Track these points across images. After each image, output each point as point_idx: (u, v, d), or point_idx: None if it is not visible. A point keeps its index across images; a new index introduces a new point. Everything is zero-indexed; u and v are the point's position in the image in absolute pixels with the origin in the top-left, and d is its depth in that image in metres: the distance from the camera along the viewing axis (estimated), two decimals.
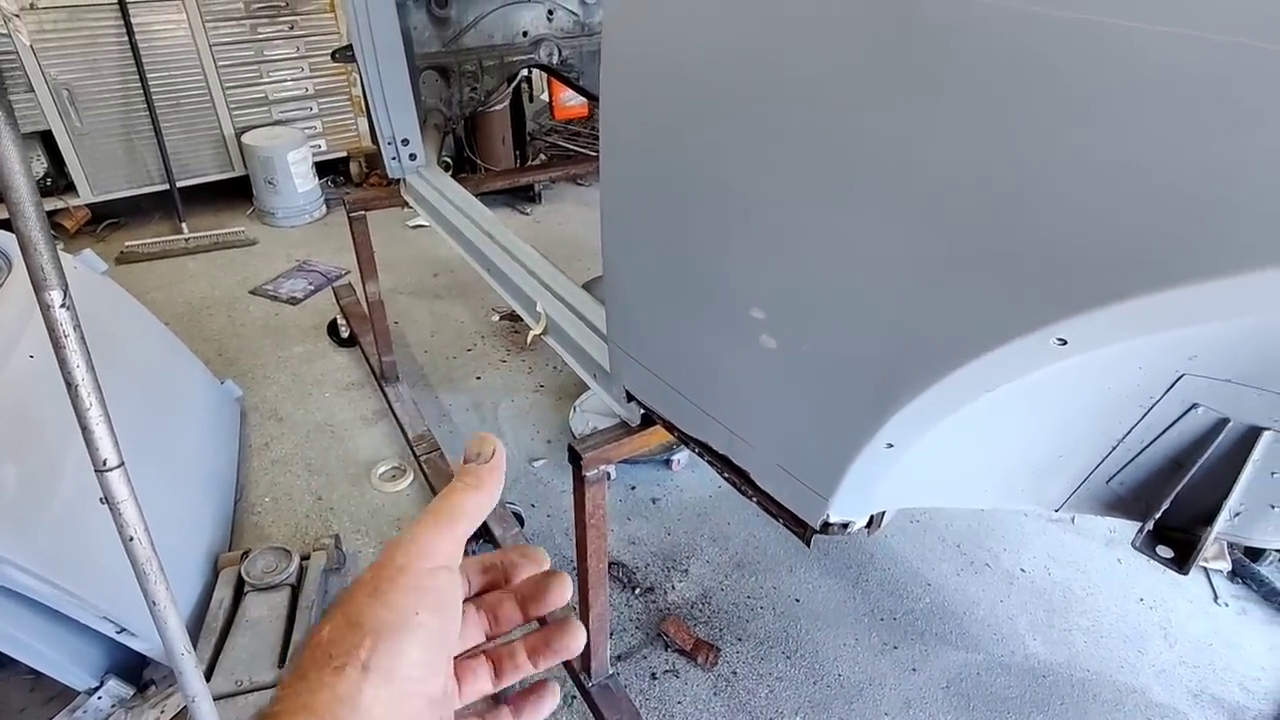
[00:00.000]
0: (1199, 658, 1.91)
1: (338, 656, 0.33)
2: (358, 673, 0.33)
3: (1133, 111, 0.48)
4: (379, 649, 0.33)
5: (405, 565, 0.37)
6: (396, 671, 0.34)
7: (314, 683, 0.32)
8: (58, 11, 3.45)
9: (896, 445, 0.77)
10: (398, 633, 0.34)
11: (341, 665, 0.33)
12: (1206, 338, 0.60)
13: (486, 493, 0.41)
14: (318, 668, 0.33)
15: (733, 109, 0.77)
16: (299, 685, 0.33)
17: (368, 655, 0.33)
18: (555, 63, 2.63)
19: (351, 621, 0.34)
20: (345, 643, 0.33)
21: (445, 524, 0.39)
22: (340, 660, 0.33)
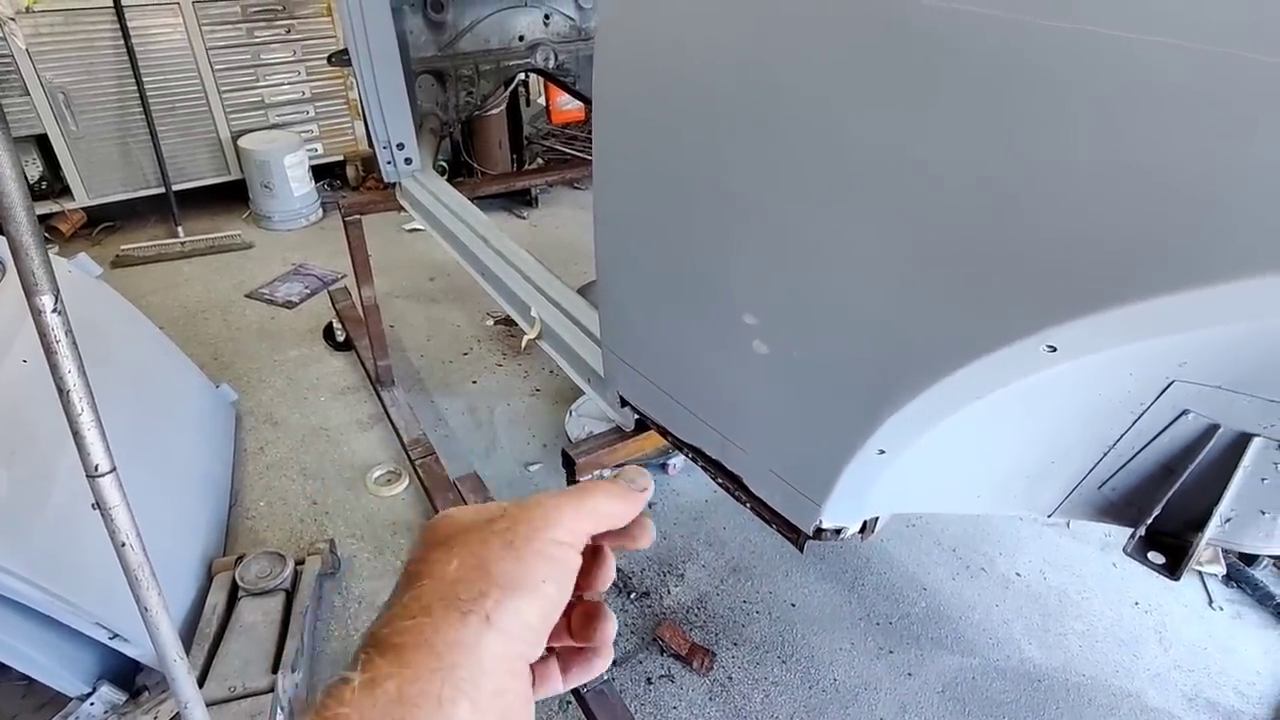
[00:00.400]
0: (1194, 662, 1.91)
1: (466, 601, 0.33)
2: (481, 622, 0.33)
3: (1124, 120, 0.49)
4: (505, 604, 0.34)
5: (542, 531, 0.37)
6: (514, 631, 0.34)
7: (439, 621, 0.32)
8: (54, 15, 3.44)
9: (888, 451, 0.77)
10: (525, 593, 0.34)
11: (468, 611, 0.33)
12: (1196, 344, 0.60)
13: (625, 507, 0.41)
14: (444, 607, 0.33)
15: (725, 115, 0.78)
16: (423, 620, 0.32)
17: (494, 608, 0.33)
18: (552, 67, 2.64)
19: (483, 568, 0.34)
20: (474, 588, 0.34)
21: (585, 510, 0.39)
22: (468, 606, 0.33)
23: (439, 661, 0.31)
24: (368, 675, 0.31)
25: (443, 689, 0.31)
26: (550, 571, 0.36)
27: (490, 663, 0.32)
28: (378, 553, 2.20)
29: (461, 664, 0.32)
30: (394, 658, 0.31)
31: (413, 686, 0.30)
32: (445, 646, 0.32)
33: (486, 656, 0.32)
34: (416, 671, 0.31)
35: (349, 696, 0.30)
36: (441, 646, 0.32)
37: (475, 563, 0.35)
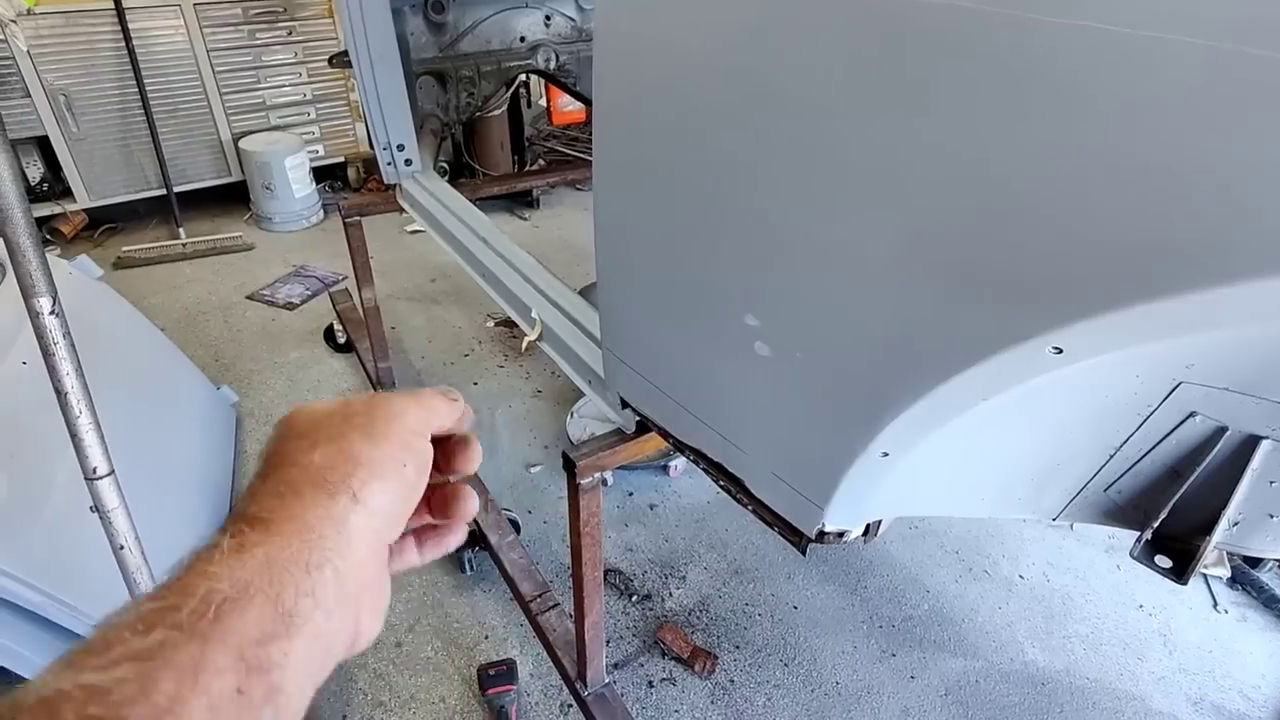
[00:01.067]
0: (1199, 665, 1.90)
1: (333, 481, 0.35)
2: (349, 499, 0.35)
3: (1130, 118, 0.48)
4: (370, 485, 0.36)
5: (395, 422, 0.39)
6: (378, 509, 0.36)
7: (309, 500, 0.34)
8: (55, 17, 3.44)
9: (891, 454, 0.76)
10: (387, 476, 0.37)
11: (335, 491, 0.35)
12: (1204, 346, 0.60)
13: (450, 409, 0.44)
14: (313, 488, 0.35)
15: (725, 114, 0.77)
16: (292, 502, 0.34)
17: (360, 487, 0.36)
18: (553, 68, 2.63)
19: (347, 454, 0.37)
20: (340, 471, 0.36)
21: (424, 406, 0.42)
22: (335, 486, 0.35)
23: (309, 533, 0.33)
24: (236, 541, 0.32)
25: (310, 556, 0.32)
26: (408, 457, 0.39)
27: (356, 537, 0.35)
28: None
29: (330, 536, 0.34)
30: (263, 530, 0.33)
31: (282, 553, 0.32)
32: (315, 520, 0.34)
33: (353, 531, 0.35)
34: (286, 540, 0.32)
35: (218, 558, 0.31)
36: (312, 520, 0.34)
37: (338, 449, 0.37)
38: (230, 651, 0.28)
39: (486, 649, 1.92)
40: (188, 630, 0.28)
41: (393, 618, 2.00)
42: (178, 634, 0.27)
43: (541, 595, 1.80)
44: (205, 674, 0.27)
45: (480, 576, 2.10)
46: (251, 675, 0.28)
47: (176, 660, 0.27)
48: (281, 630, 0.30)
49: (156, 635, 0.27)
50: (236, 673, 0.28)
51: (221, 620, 0.29)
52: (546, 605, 1.78)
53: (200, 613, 0.28)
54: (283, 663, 0.30)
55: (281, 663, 0.30)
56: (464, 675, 1.85)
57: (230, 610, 0.29)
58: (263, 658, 0.29)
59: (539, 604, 1.78)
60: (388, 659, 1.90)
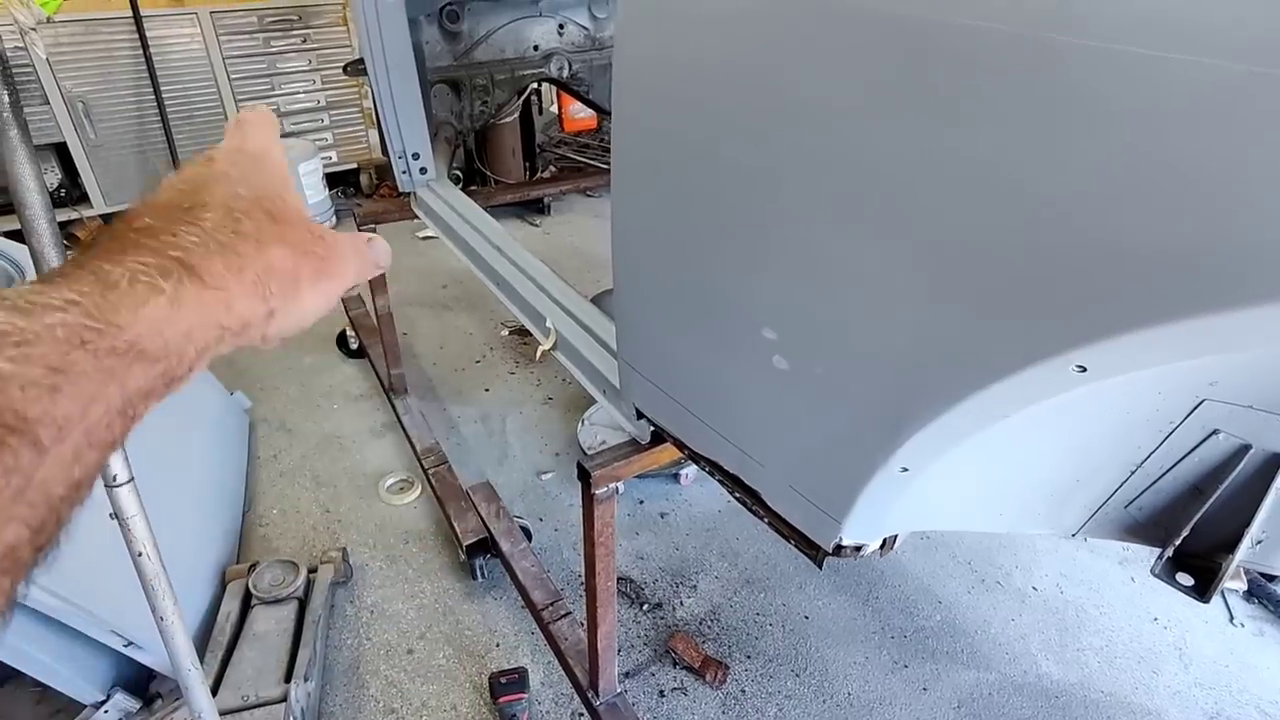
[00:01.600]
0: (1215, 679, 1.88)
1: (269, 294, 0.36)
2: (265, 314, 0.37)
3: (1159, 137, 0.48)
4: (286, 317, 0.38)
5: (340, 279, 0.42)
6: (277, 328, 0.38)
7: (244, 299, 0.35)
8: (74, 25, 3.49)
9: (911, 469, 0.76)
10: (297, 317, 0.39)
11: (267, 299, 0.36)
12: (1228, 363, 0.59)
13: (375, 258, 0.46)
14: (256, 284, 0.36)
15: (747, 127, 0.77)
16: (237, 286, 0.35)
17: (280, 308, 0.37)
18: (566, 76, 2.65)
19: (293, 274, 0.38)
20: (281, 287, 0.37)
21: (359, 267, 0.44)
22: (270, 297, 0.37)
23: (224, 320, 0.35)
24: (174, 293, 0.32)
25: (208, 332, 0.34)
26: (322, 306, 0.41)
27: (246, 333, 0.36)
28: (390, 561, 2.20)
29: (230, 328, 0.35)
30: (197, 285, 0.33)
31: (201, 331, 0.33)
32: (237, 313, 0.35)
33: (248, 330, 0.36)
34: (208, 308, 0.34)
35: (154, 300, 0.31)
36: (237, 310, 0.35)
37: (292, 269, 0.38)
38: (122, 395, 0.29)
39: (498, 657, 1.92)
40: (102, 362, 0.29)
41: (404, 624, 2.01)
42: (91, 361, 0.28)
43: (553, 604, 1.80)
44: (97, 407, 0.28)
45: (492, 584, 2.10)
46: (123, 417, 0.30)
47: (82, 385, 0.28)
48: (161, 390, 0.32)
49: (76, 354, 0.28)
50: (115, 412, 0.29)
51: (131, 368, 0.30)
52: (558, 614, 1.78)
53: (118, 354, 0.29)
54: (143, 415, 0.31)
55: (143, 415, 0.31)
56: (475, 683, 1.85)
57: (140, 362, 0.30)
58: (139, 409, 0.31)
59: (551, 612, 1.78)
60: (399, 666, 1.90)
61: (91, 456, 0.29)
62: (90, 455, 0.29)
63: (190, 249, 0.34)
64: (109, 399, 0.29)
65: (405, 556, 2.22)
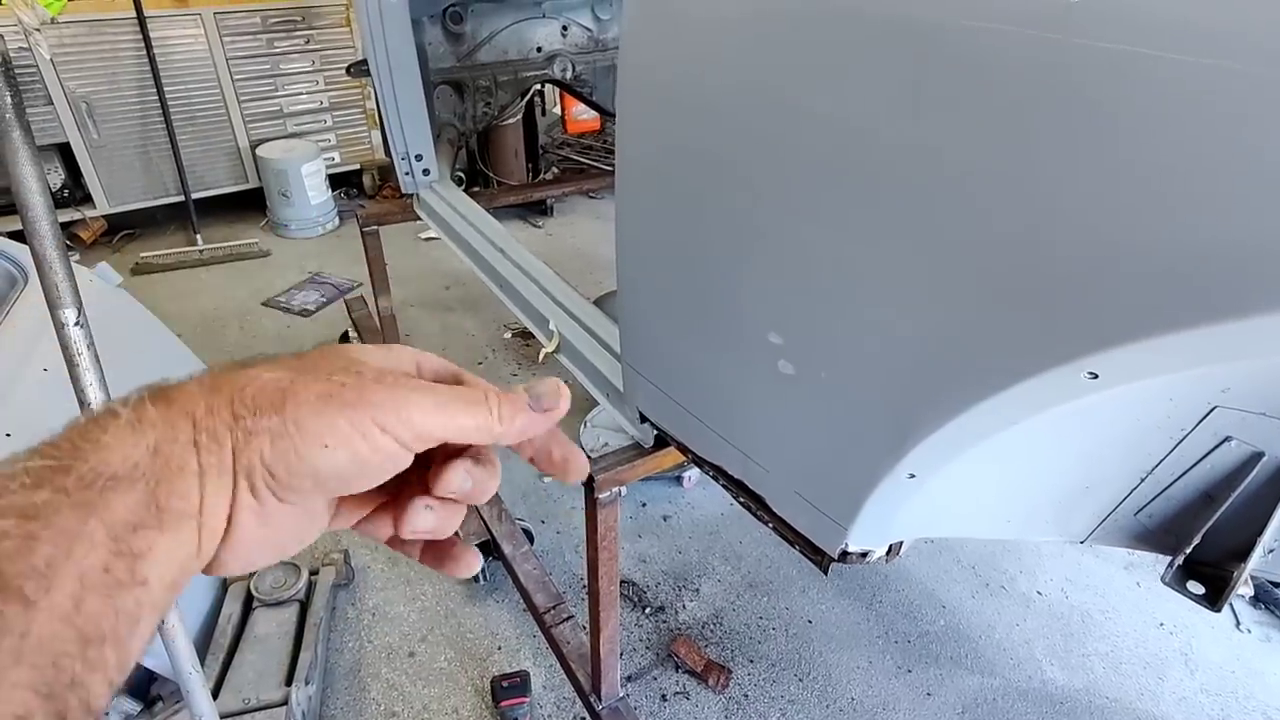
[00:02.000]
0: (1221, 685, 1.87)
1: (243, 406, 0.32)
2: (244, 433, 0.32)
3: (1176, 140, 0.47)
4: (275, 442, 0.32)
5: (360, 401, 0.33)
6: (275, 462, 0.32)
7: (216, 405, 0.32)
8: (78, 26, 3.49)
9: (918, 475, 0.75)
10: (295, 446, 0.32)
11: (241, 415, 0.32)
12: (1241, 370, 0.59)
13: (500, 428, 0.36)
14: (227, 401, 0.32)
15: (754, 129, 0.76)
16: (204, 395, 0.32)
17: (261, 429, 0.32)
18: (569, 78, 2.64)
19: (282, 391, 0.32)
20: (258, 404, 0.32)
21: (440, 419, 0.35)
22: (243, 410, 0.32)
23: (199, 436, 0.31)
24: (135, 415, 0.30)
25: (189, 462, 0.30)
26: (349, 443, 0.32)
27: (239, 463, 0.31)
28: (391, 564, 2.20)
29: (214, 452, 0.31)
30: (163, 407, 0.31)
31: (169, 447, 0.30)
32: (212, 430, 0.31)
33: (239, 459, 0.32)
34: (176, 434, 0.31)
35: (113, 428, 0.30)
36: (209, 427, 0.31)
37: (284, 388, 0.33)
38: (104, 528, 0.28)
39: (500, 660, 1.91)
40: (73, 497, 0.27)
41: (406, 627, 2.00)
42: (63, 498, 0.27)
43: (555, 607, 1.79)
44: (81, 544, 0.27)
45: (494, 587, 2.09)
46: (120, 558, 0.28)
47: (57, 524, 0.27)
48: (153, 522, 0.29)
49: (43, 494, 0.27)
50: (107, 550, 0.28)
51: (104, 495, 0.28)
52: (560, 617, 1.77)
53: (87, 482, 0.28)
54: (148, 554, 0.29)
55: (147, 554, 0.29)
56: (477, 686, 1.85)
57: (113, 488, 0.28)
58: (133, 543, 0.29)
59: (553, 616, 1.78)
60: (401, 669, 1.89)
61: (95, 605, 0.27)
62: (94, 603, 0.27)
63: (169, 382, 0.32)
64: (93, 536, 0.27)
65: (406, 560, 2.21)
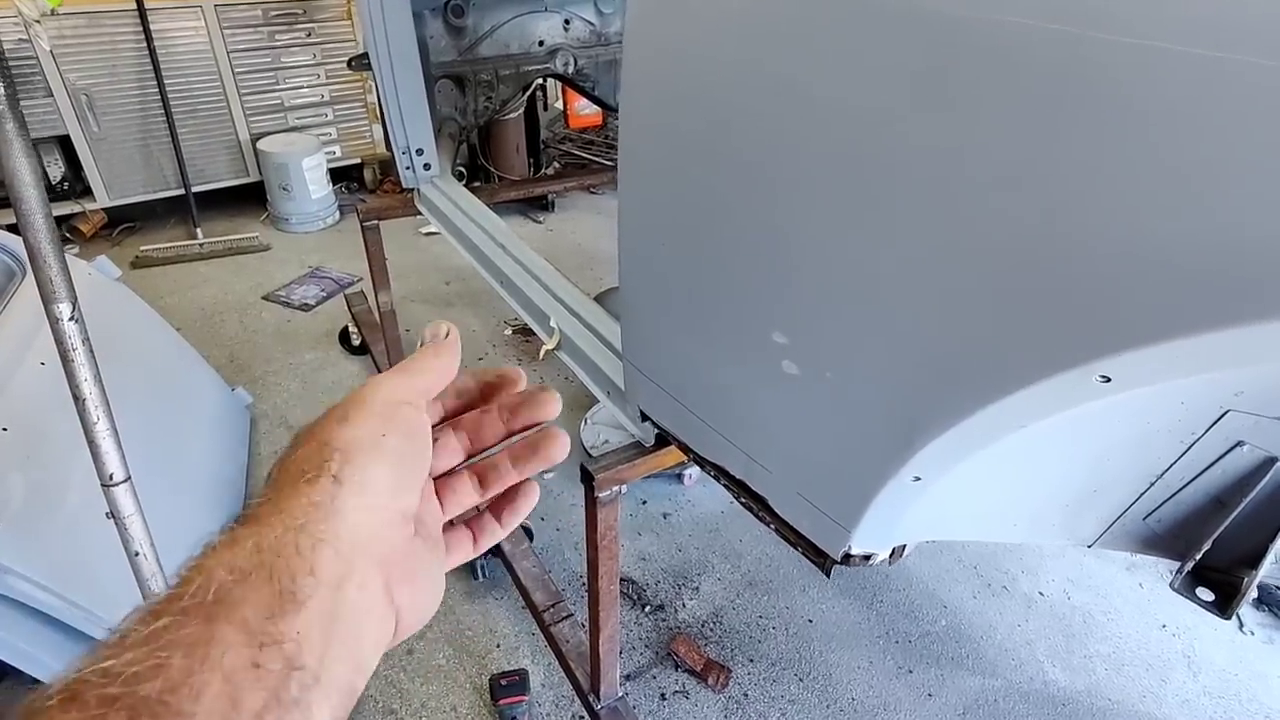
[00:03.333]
0: (1224, 688, 1.86)
1: (310, 470, 0.35)
2: (329, 482, 0.34)
3: (1192, 140, 0.46)
4: (349, 464, 0.35)
5: (370, 398, 0.39)
6: (367, 485, 0.35)
7: (287, 492, 0.34)
8: (78, 18, 3.47)
9: (924, 478, 0.74)
10: (365, 451, 0.36)
11: (314, 477, 0.34)
12: (1254, 374, 0.57)
13: (445, 359, 0.44)
14: (291, 481, 0.35)
15: (760, 126, 0.75)
16: (273, 495, 0.34)
17: (338, 468, 0.35)
18: (571, 72, 2.62)
19: (321, 442, 0.36)
20: (316, 459, 0.35)
21: (411, 370, 0.42)
22: (312, 473, 0.35)
23: (293, 519, 0.33)
24: (227, 536, 0.32)
25: (298, 539, 0.32)
26: (388, 427, 0.38)
27: (352, 515, 0.34)
28: None
29: (315, 519, 0.33)
30: (252, 523, 0.33)
31: (269, 539, 0.32)
32: (298, 508, 0.33)
33: (345, 509, 0.34)
34: (271, 528, 0.32)
35: (211, 552, 0.32)
36: (294, 508, 0.33)
37: (315, 441, 0.36)
38: (236, 627, 0.29)
39: (498, 658, 1.91)
40: (192, 612, 0.29)
41: None
42: (183, 617, 0.28)
43: (554, 605, 1.78)
44: (214, 648, 0.28)
45: (493, 584, 2.08)
46: (265, 650, 0.29)
47: (184, 638, 0.28)
48: (288, 607, 0.30)
49: (162, 621, 0.28)
50: (248, 647, 0.28)
51: (222, 600, 0.29)
52: (560, 616, 1.76)
53: (201, 596, 0.29)
54: (296, 638, 0.30)
55: (294, 638, 0.30)
56: (475, 684, 1.84)
57: (229, 590, 0.30)
58: (272, 632, 0.29)
59: (552, 614, 1.77)
60: (399, 666, 1.88)
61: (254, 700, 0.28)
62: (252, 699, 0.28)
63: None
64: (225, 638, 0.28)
65: None
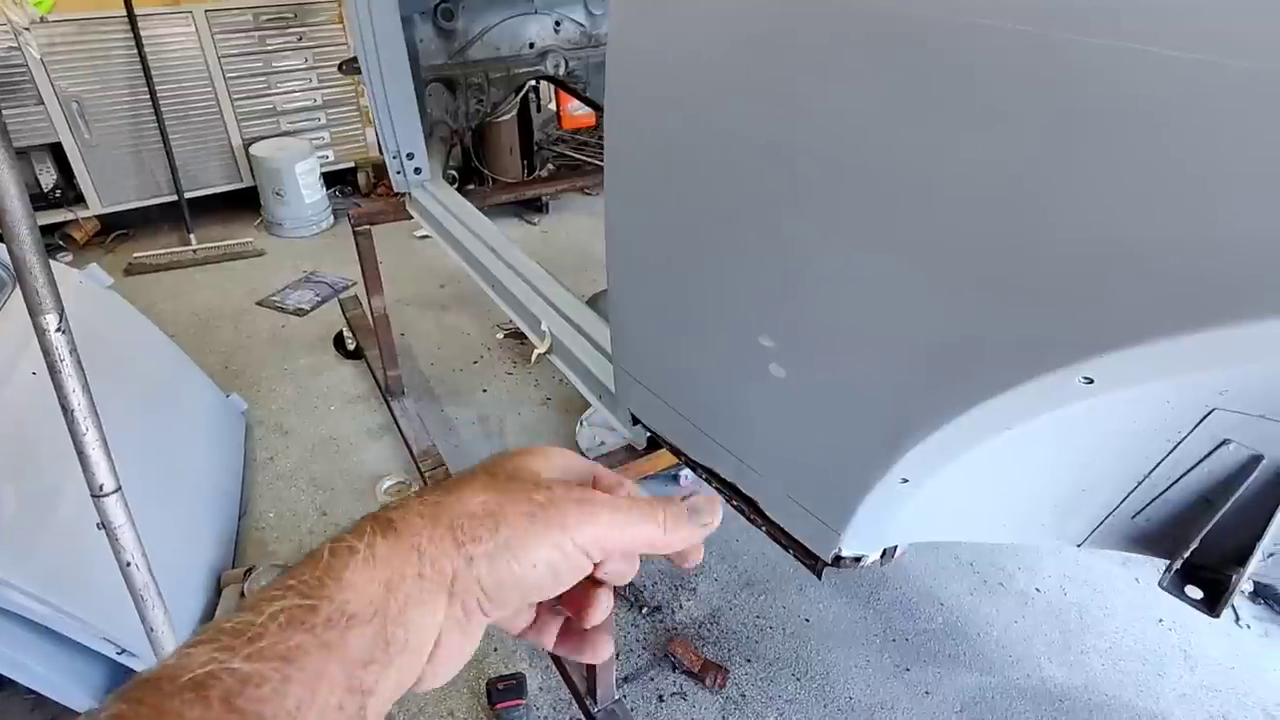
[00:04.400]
0: (1221, 682, 1.86)
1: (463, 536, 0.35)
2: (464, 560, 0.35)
3: (1173, 141, 0.46)
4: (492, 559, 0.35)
5: (567, 527, 0.37)
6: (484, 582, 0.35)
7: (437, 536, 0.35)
8: (67, 25, 3.46)
9: (911, 480, 0.74)
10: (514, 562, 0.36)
11: (462, 543, 0.35)
12: (1240, 372, 0.57)
13: (671, 539, 0.41)
14: (448, 527, 0.35)
15: (743, 127, 0.75)
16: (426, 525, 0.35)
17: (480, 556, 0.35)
18: (562, 74, 2.62)
19: (495, 520, 0.36)
20: (476, 532, 0.35)
21: (626, 532, 0.39)
22: (463, 538, 0.35)
23: (422, 569, 0.34)
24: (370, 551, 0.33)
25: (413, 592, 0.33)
26: (550, 559, 0.37)
27: (455, 586, 0.34)
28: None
29: (433, 580, 0.34)
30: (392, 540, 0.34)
31: (397, 578, 0.33)
32: (431, 558, 0.34)
33: (456, 587, 0.34)
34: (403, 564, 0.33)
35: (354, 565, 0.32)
36: (429, 557, 0.34)
37: (494, 511, 0.36)
38: (343, 668, 0.30)
39: (495, 662, 1.90)
40: (320, 639, 0.30)
41: None
42: (311, 639, 0.29)
43: None
44: (323, 685, 0.29)
45: None
46: (351, 694, 0.30)
47: (308, 667, 0.29)
48: (382, 656, 0.31)
49: (297, 637, 0.29)
50: (343, 689, 0.29)
51: (345, 636, 0.30)
52: None
53: (332, 624, 0.30)
54: (374, 688, 0.31)
55: (374, 688, 0.31)
56: (472, 688, 1.84)
57: (353, 627, 0.31)
58: (365, 679, 0.30)
59: None
60: None
61: None
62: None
63: (391, 510, 0.36)
64: (332, 676, 0.29)
65: None
